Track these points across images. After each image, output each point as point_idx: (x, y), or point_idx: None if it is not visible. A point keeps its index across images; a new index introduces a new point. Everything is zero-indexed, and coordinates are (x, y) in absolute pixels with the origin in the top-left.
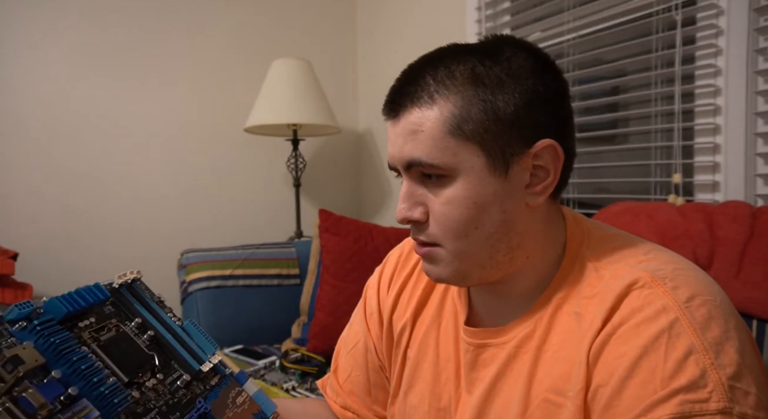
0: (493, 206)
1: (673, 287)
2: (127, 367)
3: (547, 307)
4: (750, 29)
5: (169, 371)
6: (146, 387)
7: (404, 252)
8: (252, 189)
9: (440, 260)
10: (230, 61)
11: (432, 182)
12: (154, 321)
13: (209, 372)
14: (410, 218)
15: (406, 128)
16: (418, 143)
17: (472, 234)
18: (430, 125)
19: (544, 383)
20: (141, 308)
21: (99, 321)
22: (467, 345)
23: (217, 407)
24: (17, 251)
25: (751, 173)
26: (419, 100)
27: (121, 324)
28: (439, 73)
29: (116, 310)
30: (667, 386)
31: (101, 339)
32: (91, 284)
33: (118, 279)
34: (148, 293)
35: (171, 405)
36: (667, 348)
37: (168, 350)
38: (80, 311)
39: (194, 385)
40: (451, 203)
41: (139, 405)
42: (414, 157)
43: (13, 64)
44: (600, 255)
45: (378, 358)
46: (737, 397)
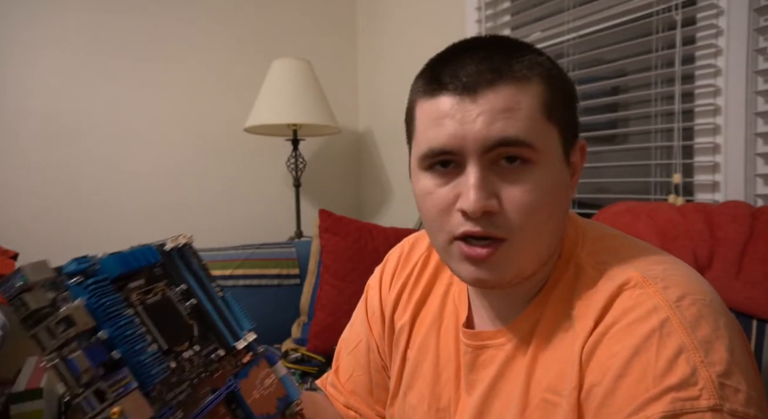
0: (563, 195)
1: (663, 287)
2: (168, 334)
3: (544, 307)
4: (750, 29)
5: (206, 343)
6: (182, 358)
7: (404, 252)
8: (252, 189)
9: (503, 262)
10: (230, 61)
11: (512, 168)
12: (198, 289)
13: (243, 350)
14: (489, 208)
15: (497, 104)
16: (514, 120)
17: (547, 224)
18: (529, 104)
19: (542, 383)
20: (188, 274)
21: (148, 283)
22: (466, 347)
23: (246, 386)
24: (17, 251)
25: (751, 173)
26: (512, 75)
27: (167, 288)
28: (526, 54)
29: (164, 273)
30: (659, 384)
31: (147, 302)
32: (144, 245)
33: (171, 243)
34: (196, 260)
35: (203, 378)
36: (659, 347)
37: (207, 321)
38: (133, 271)
39: (227, 360)
40: (536, 191)
41: (174, 375)
42: (508, 135)
43: (13, 65)
44: (594, 256)
45: (380, 358)
46: (727, 394)
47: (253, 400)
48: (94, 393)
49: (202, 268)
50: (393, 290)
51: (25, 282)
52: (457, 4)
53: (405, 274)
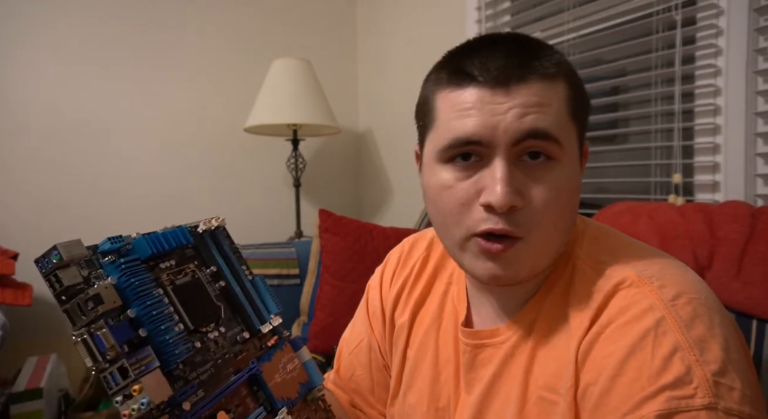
0: (577, 192)
1: (659, 286)
2: (195, 315)
3: (541, 306)
4: (750, 29)
5: (232, 325)
6: (208, 338)
7: (404, 252)
8: (252, 189)
9: (517, 259)
10: (230, 61)
11: (536, 164)
12: (228, 272)
13: (267, 334)
14: (516, 204)
15: (528, 99)
16: (545, 115)
17: (560, 222)
18: (558, 100)
19: (539, 381)
20: (218, 256)
21: (179, 264)
22: (465, 346)
23: (268, 370)
24: (17, 251)
25: (751, 173)
26: (542, 72)
27: (197, 270)
28: (542, 52)
29: (195, 254)
30: (654, 383)
31: (177, 282)
32: (178, 227)
33: (203, 225)
34: (228, 242)
35: (226, 360)
36: (654, 346)
37: (235, 303)
38: (165, 252)
39: (251, 343)
40: (557, 188)
41: (198, 355)
42: (540, 127)
43: (13, 65)
44: (591, 255)
45: (381, 357)
46: (722, 393)
47: (274, 383)
48: (118, 370)
49: (233, 251)
50: (393, 289)
51: (60, 259)
52: (457, 4)
53: (405, 273)
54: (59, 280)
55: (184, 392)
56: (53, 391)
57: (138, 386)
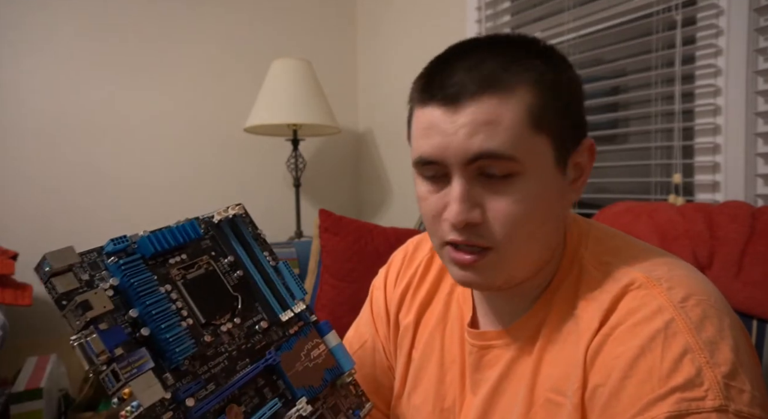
0: (555, 201)
1: (668, 288)
2: (207, 308)
3: (549, 307)
4: (750, 29)
5: (250, 313)
6: (221, 331)
7: (409, 252)
8: (252, 189)
9: (490, 268)
10: (230, 61)
11: (494, 180)
12: (247, 260)
13: (293, 317)
14: (471, 221)
15: (476, 117)
16: (494, 134)
17: (536, 233)
18: (512, 116)
19: (546, 383)
20: (237, 245)
21: (191, 257)
22: (471, 347)
23: (288, 359)
24: (17, 251)
25: (751, 173)
26: (493, 88)
27: (213, 261)
28: (512, 60)
29: (213, 244)
30: (664, 385)
31: (188, 277)
32: (189, 220)
33: (218, 215)
34: (249, 229)
35: (243, 350)
36: (664, 347)
37: (254, 292)
38: (173, 247)
39: (273, 331)
40: (521, 202)
41: (210, 348)
42: (487, 149)
43: (13, 66)
44: (597, 256)
45: (386, 358)
46: (732, 395)
47: (294, 372)
48: (111, 373)
49: (254, 237)
50: (397, 290)
51: (50, 268)
52: (457, 4)
53: (409, 274)
54: (54, 288)
55: (188, 388)
56: (53, 391)
57: (128, 389)
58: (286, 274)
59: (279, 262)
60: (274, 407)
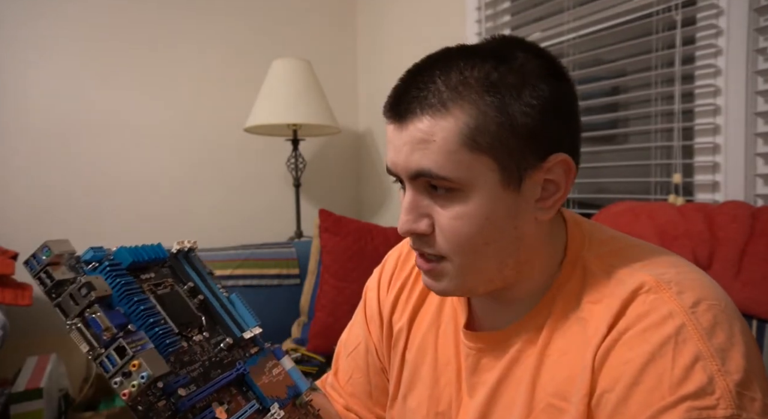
0: (505, 222)
1: (678, 292)
2: (178, 321)
3: (549, 311)
4: (750, 29)
5: (214, 333)
6: (193, 341)
7: (403, 253)
8: (252, 189)
9: (446, 275)
10: (230, 61)
11: (439, 194)
12: (205, 287)
13: (249, 343)
14: (415, 231)
15: (414, 136)
16: (428, 153)
17: (483, 250)
18: (444, 136)
19: (548, 388)
20: (194, 274)
21: (157, 278)
22: (468, 349)
23: (255, 372)
24: (17, 251)
25: (751, 173)
26: (431, 107)
27: (176, 284)
28: (453, 79)
29: (172, 272)
30: (675, 392)
31: (158, 292)
32: (154, 244)
33: (177, 245)
34: (200, 264)
35: (213, 363)
36: (675, 354)
37: (214, 315)
38: (142, 265)
39: (235, 350)
40: (462, 219)
41: (186, 354)
42: (423, 167)
43: (14, 66)
44: (602, 259)
45: (379, 360)
46: (744, 404)
47: (262, 384)
48: (115, 350)
49: (206, 271)
50: (391, 293)
51: (50, 255)
52: (457, 4)
53: (403, 276)
54: (50, 276)
55: (177, 381)
56: (53, 391)
57: (137, 361)
58: (239, 305)
59: (231, 294)
60: (252, 408)
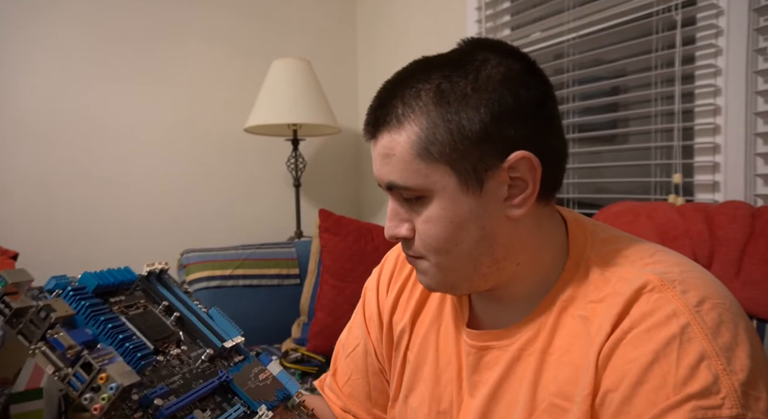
0: (470, 223)
1: (682, 291)
2: (153, 338)
3: (552, 309)
4: (750, 29)
5: (194, 346)
6: (171, 355)
7: (402, 253)
8: (252, 189)
9: (426, 272)
10: (230, 61)
11: (411, 201)
12: (180, 305)
13: (233, 353)
14: (398, 236)
15: (381, 151)
16: (391, 166)
17: (453, 251)
18: (400, 149)
19: (551, 387)
20: (168, 294)
21: (128, 300)
22: (469, 348)
23: (239, 378)
24: (17, 251)
25: (751, 173)
26: (388, 124)
27: (150, 305)
28: (407, 95)
29: (145, 294)
30: (680, 392)
31: (130, 313)
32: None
33: (147, 267)
34: (175, 284)
35: (194, 374)
36: (679, 353)
37: (193, 329)
38: (111, 289)
39: (218, 361)
40: (430, 222)
41: (165, 368)
42: (390, 180)
43: (14, 66)
44: (605, 258)
45: (378, 361)
46: (750, 403)
47: (248, 389)
48: (81, 367)
49: (182, 290)
50: (391, 294)
51: (5, 284)
52: (458, 4)
53: (403, 276)
54: (8, 305)
55: (154, 392)
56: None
57: (104, 374)
58: (219, 318)
59: (210, 309)
60: (237, 411)
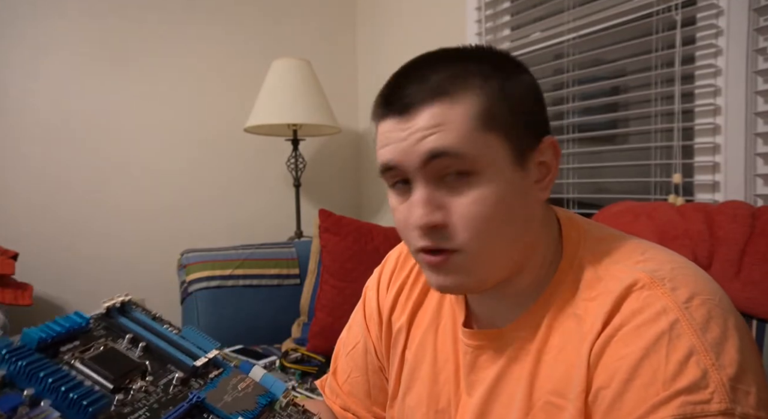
0: (517, 201)
1: (672, 288)
2: (113, 377)
3: (547, 308)
4: (750, 29)
5: (164, 372)
6: (134, 390)
7: (403, 253)
8: (252, 189)
9: (459, 269)
10: (230, 61)
11: (452, 182)
12: (147, 333)
13: (210, 367)
14: (435, 223)
15: (427, 122)
16: (443, 135)
17: (500, 233)
18: (457, 118)
19: (546, 385)
20: (133, 325)
21: (84, 343)
22: (466, 347)
23: (215, 395)
24: (17, 251)
25: (751, 173)
26: (441, 94)
27: (111, 342)
28: (453, 68)
29: (107, 332)
30: (669, 387)
31: (85, 357)
32: (71, 313)
33: (104, 304)
34: (142, 312)
35: (164, 402)
36: (668, 349)
37: (162, 355)
38: (62, 338)
39: (193, 381)
40: (480, 202)
41: (127, 406)
42: (437, 147)
43: (15, 66)
44: (598, 256)
45: (378, 359)
46: (738, 398)
47: (224, 404)
48: None
49: (150, 317)
50: (390, 292)
51: None
52: (457, 4)
53: (403, 275)
54: None
55: None
56: None
57: None
58: (193, 336)
59: (183, 329)
60: None
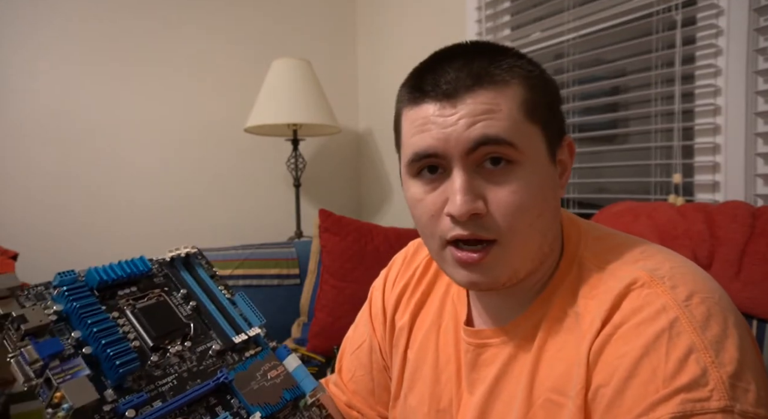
0: (550, 192)
1: (671, 286)
2: (156, 333)
3: (547, 307)
4: (750, 29)
5: (204, 339)
6: (170, 353)
7: (409, 254)
8: (252, 189)
9: (496, 264)
10: (230, 61)
11: (497, 169)
12: (201, 292)
13: (250, 344)
14: (476, 210)
15: (476, 107)
16: (495, 121)
17: (536, 223)
18: (509, 105)
19: (546, 383)
20: (190, 280)
21: (142, 290)
22: (467, 346)
23: (242, 378)
24: (17, 251)
25: (751, 173)
26: (490, 80)
27: (166, 294)
28: (501, 58)
29: (166, 281)
30: (669, 385)
31: (138, 306)
32: (138, 258)
33: (169, 253)
34: (203, 267)
35: (195, 372)
36: (668, 347)
37: (208, 319)
38: (123, 281)
39: (228, 355)
40: (522, 190)
41: (158, 369)
42: (488, 134)
43: (15, 66)
44: (598, 255)
45: (382, 358)
46: (738, 395)
47: (249, 390)
48: (45, 382)
49: (208, 274)
50: (395, 291)
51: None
52: (458, 4)
53: (407, 275)
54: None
55: (130, 401)
56: None
57: (59, 393)
58: (242, 305)
59: (236, 294)
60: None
